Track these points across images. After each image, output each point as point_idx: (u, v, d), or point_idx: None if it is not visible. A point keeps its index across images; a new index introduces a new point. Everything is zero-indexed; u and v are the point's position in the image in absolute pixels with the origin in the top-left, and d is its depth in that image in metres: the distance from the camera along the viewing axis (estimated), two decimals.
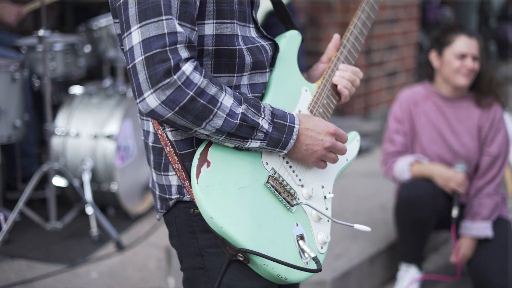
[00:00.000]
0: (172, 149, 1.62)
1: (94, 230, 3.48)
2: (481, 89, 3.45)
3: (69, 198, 3.77)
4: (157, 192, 1.72)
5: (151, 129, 1.68)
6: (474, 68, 3.34)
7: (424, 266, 3.62)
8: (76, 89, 3.96)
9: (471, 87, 3.47)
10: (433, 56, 3.46)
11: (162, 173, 1.68)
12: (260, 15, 4.26)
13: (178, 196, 1.65)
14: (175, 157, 1.61)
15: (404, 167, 3.36)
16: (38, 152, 4.17)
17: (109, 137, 3.63)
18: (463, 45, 3.36)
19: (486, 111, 3.42)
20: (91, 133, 3.69)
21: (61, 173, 3.50)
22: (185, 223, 1.67)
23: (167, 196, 1.68)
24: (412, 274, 3.44)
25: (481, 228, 3.29)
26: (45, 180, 3.58)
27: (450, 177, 3.27)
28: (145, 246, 3.49)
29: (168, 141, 1.62)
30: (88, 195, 3.54)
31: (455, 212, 3.26)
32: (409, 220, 3.34)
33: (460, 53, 3.36)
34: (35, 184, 3.38)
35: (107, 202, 3.75)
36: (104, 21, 3.99)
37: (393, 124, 3.50)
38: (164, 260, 3.38)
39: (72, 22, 5.45)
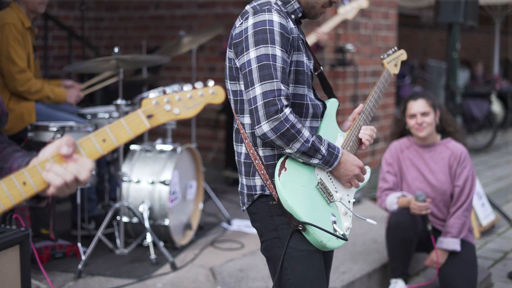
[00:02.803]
0: (260, 161, 2.64)
1: (153, 255, 4.47)
2: (448, 135, 4.57)
3: (128, 231, 4.77)
4: (245, 191, 2.73)
5: (244, 151, 2.70)
6: (422, 121, 4.42)
7: (409, 282, 4.65)
8: (134, 146, 4.99)
9: (444, 135, 4.58)
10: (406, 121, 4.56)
11: (250, 177, 2.70)
12: None
13: (261, 192, 2.66)
14: (262, 166, 2.63)
15: (393, 200, 4.42)
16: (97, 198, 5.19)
17: (164, 182, 4.66)
18: (411, 107, 4.45)
19: (454, 153, 4.51)
20: (149, 180, 4.71)
21: (126, 211, 4.52)
22: (266, 210, 2.68)
23: (253, 192, 2.69)
24: (400, 286, 4.47)
25: (451, 243, 4.33)
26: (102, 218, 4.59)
27: (412, 206, 4.31)
28: (193, 267, 4.48)
29: (257, 156, 2.64)
30: (148, 228, 4.55)
31: (429, 227, 4.30)
32: (397, 240, 4.39)
33: (410, 114, 4.46)
34: (110, 218, 4.41)
35: (159, 235, 4.73)
36: (152, 94, 5.05)
37: (385, 166, 4.60)
38: (211, 275, 4.37)
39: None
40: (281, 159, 2.60)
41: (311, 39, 5.72)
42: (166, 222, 4.66)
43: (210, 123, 8.12)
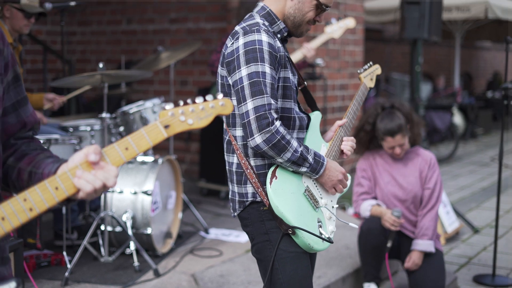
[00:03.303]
0: (251, 170, 2.84)
1: (136, 262, 4.63)
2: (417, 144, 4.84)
3: (111, 240, 4.93)
4: (237, 198, 2.93)
5: (235, 161, 2.90)
6: (401, 150, 4.67)
7: (380, 285, 4.88)
8: None
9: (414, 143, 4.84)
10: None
11: (242, 185, 2.89)
12: None
13: (253, 199, 2.87)
14: (253, 175, 2.84)
15: (367, 208, 4.66)
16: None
17: (146, 192, 4.83)
18: (389, 142, 4.65)
19: (424, 158, 4.76)
20: (131, 190, 4.88)
21: (109, 220, 4.68)
22: (257, 216, 2.89)
23: (245, 199, 2.89)
24: None
25: (427, 245, 4.58)
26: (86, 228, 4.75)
27: (386, 218, 4.56)
28: (175, 273, 4.65)
29: (249, 166, 2.85)
30: (131, 236, 4.71)
31: (389, 244, 4.55)
32: (368, 246, 4.62)
33: (388, 147, 4.70)
34: (94, 228, 4.57)
35: (141, 243, 4.89)
36: (135, 107, 5.24)
37: (360, 172, 4.84)
38: (193, 281, 4.55)
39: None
40: (272, 168, 2.81)
41: (297, 56, 5.95)
42: (149, 230, 4.82)
43: (183, 136, 8.30)
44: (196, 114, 1.91)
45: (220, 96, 1.94)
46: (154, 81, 8.70)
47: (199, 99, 1.92)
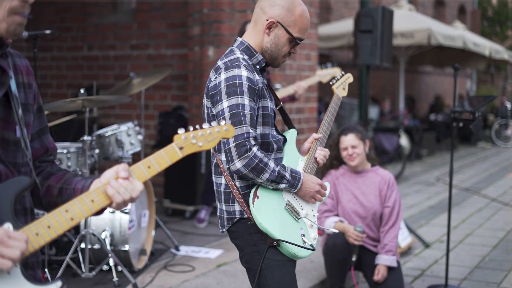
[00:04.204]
0: (237, 191, 3.14)
1: (115, 278, 4.87)
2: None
3: (89, 256, 5.16)
4: (225, 216, 3.21)
5: (223, 182, 3.19)
6: (353, 153, 5.05)
7: None
8: None
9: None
10: None
11: (230, 204, 3.19)
12: None
13: (240, 216, 3.16)
14: (239, 195, 3.14)
15: (331, 224, 5.01)
16: None
17: (124, 211, 5.09)
18: (342, 142, 5.06)
19: (384, 178, 5.15)
20: (110, 210, 5.14)
21: (88, 237, 4.92)
22: (245, 229, 3.18)
23: (233, 217, 3.19)
24: None
25: (391, 260, 4.93)
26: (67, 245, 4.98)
27: (349, 234, 4.92)
28: (153, 287, 4.92)
29: (235, 187, 3.15)
30: (111, 252, 4.96)
31: (354, 258, 4.91)
32: (334, 259, 4.96)
33: (343, 148, 5.09)
34: (76, 245, 4.81)
35: (119, 259, 5.13)
36: (110, 131, 5.50)
37: None
38: None
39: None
40: (253, 189, 3.11)
41: (288, 90, 6.50)
42: (126, 247, 5.08)
43: None
44: (205, 137, 2.22)
45: (223, 122, 2.26)
46: (115, 106, 8.93)
47: (205, 125, 2.24)
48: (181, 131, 2.23)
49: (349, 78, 3.76)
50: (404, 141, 13.78)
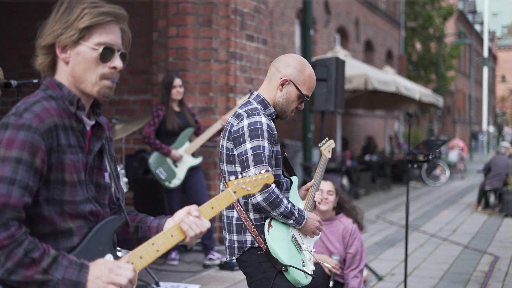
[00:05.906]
0: (250, 222, 3.60)
1: None
2: (345, 213, 5.75)
3: None
4: (236, 245, 3.65)
5: (235, 215, 3.64)
6: (327, 197, 5.51)
7: None
8: None
9: (339, 211, 5.74)
10: None
11: (242, 234, 3.63)
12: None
13: (251, 245, 3.61)
14: (252, 225, 3.59)
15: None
16: None
17: None
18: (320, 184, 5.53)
19: (346, 227, 5.63)
20: None
21: None
22: (255, 258, 3.63)
23: (244, 246, 3.63)
24: None
25: None
26: None
27: (329, 262, 5.40)
28: None
29: (248, 219, 3.60)
30: None
31: (331, 283, 5.40)
32: (310, 286, 5.44)
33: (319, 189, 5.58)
34: None
35: None
36: (234, 177, 5.82)
37: None
38: None
39: None
40: (268, 220, 3.59)
41: (217, 126, 6.88)
42: None
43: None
44: (251, 183, 2.72)
45: (263, 170, 2.76)
46: None
47: (250, 173, 2.74)
48: (232, 177, 2.71)
49: (332, 144, 4.28)
50: (344, 181, 14.44)
